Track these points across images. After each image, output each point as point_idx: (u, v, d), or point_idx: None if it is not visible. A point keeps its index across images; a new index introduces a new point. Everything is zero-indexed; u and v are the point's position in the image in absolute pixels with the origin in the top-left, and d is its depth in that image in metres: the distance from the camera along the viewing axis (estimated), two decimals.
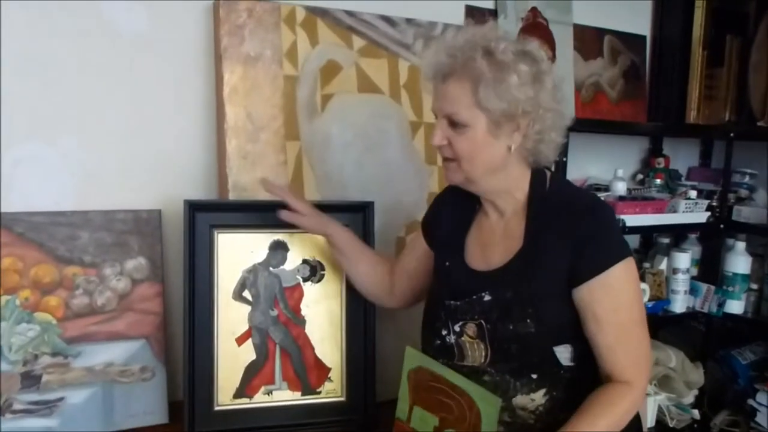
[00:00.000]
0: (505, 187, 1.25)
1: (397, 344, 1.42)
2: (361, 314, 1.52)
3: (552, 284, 1.19)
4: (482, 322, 1.21)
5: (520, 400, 1.20)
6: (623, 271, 1.19)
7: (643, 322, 1.23)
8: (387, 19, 1.69)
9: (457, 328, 1.25)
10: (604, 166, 2.18)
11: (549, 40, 2.03)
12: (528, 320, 1.18)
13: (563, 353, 1.21)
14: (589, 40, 2.15)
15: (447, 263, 1.32)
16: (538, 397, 1.21)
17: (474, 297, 1.23)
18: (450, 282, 1.30)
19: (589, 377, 1.22)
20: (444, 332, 1.26)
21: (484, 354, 1.22)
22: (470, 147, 1.18)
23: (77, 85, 1.46)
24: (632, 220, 1.84)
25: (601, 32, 2.18)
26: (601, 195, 1.98)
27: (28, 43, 1.41)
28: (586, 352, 1.21)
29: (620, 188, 1.99)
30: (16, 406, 1.36)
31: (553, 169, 1.33)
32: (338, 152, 1.62)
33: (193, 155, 1.57)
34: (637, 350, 1.21)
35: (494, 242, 1.28)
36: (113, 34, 1.47)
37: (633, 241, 2.23)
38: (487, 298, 1.22)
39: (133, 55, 1.50)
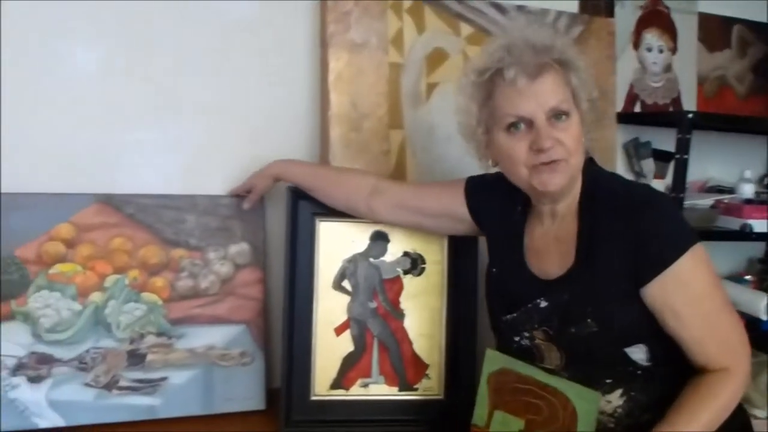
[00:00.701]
0: (574, 187, 1.18)
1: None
2: (463, 311, 1.47)
3: (614, 285, 1.12)
4: (545, 328, 1.16)
5: None
6: (692, 260, 1.10)
7: (728, 305, 1.14)
8: (497, 6, 1.63)
9: (526, 334, 1.19)
10: (728, 166, 2.01)
11: (670, 30, 1.91)
12: (588, 320, 1.11)
13: (637, 353, 1.14)
14: (715, 30, 2.00)
15: (494, 269, 1.27)
16: (615, 399, 1.14)
17: (530, 305, 1.18)
18: (504, 292, 1.24)
19: (672, 376, 1.13)
20: (516, 338, 1.21)
21: (558, 356, 1.17)
22: (575, 139, 1.13)
23: (185, 72, 1.49)
24: (760, 225, 1.70)
25: (728, 21, 2.02)
26: (725, 198, 1.84)
27: (139, 30, 1.46)
28: (665, 350, 1.13)
29: (747, 191, 1.84)
30: (122, 383, 1.39)
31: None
32: (442, 143, 1.57)
33: (297, 143, 1.57)
34: (729, 336, 1.12)
35: (548, 248, 1.21)
36: (222, 21, 1.50)
37: (758, 248, 2.05)
38: (543, 304, 1.16)
39: (240, 42, 1.52)
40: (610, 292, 1.12)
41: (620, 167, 1.83)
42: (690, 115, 1.63)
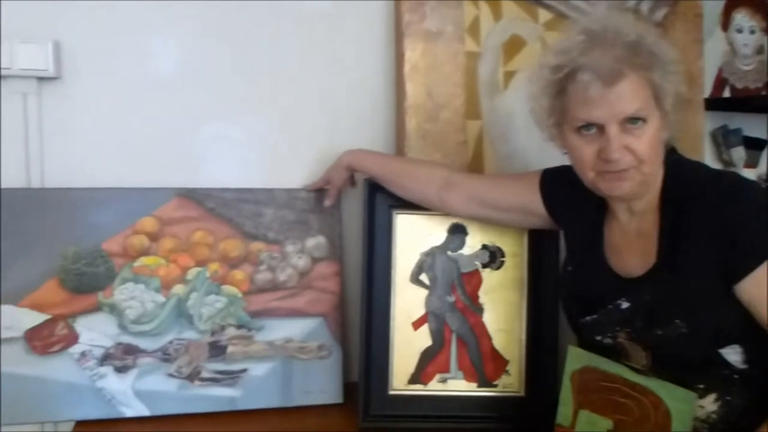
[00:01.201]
0: (651, 184, 1.11)
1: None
2: (544, 306, 1.42)
3: (702, 283, 1.05)
4: (629, 330, 1.11)
5: None
6: None
7: None
8: None
9: (609, 333, 1.14)
10: None
11: (762, 10, 1.79)
12: (677, 321, 1.05)
13: (732, 355, 1.07)
14: None
15: (569, 268, 1.22)
16: (708, 404, 1.08)
17: (610, 306, 1.12)
18: (582, 291, 1.19)
19: None
20: (598, 337, 1.16)
21: (644, 356, 1.11)
22: (650, 145, 1.05)
23: (263, 66, 1.51)
24: None
25: None
26: None
27: (219, 26, 1.48)
28: (763, 350, 1.06)
29: None
30: (204, 374, 1.42)
31: None
32: (521, 132, 1.52)
33: (373, 135, 1.56)
34: None
35: (628, 245, 1.15)
36: (298, 14, 1.50)
37: None
38: (624, 305, 1.11)
39: (316, 35, 1.52)
40: (698, 290, 1.06)
41: (707, 156, 1.74)
42: None
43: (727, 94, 1.76)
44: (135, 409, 1.38)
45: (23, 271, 1.35)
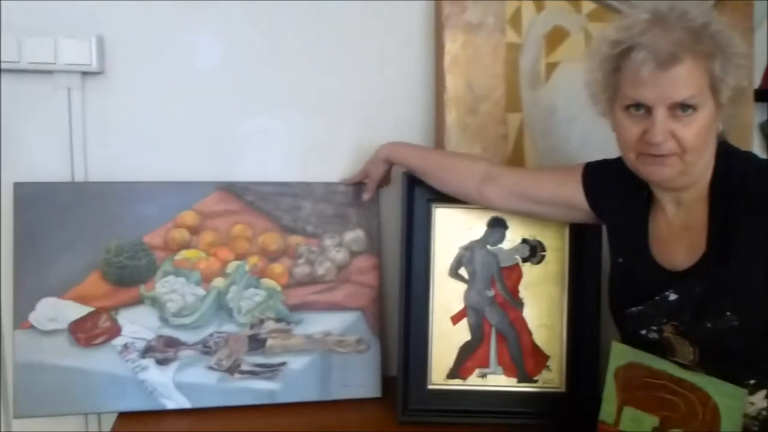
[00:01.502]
0: (698, 176, 1.09)
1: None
2: (586, 301, 1.40)
3: (755, 275, 1.03)
4: (675, 323, 1.08)
5: None
6: None
7: None
8: None
9: (654, 327, 1.12)
10: None
11: None
12: (727, 313, 1.03)
13: None
14: None
15: (620, 259, 1.19)
16: (759, 400, 1.06)
17: (657, 298, 1.10)
18: (628, 283, 1.17)
19: None
20: (643, 332, 1.14)
21: (691, 351, 1.09)
22: (698, 135, 1.03)
23: (302, 60, 1.51)
24: None
25: None
26: None
27: (260, 21, 1.48)
28: None
29: None
30: (244, 367, 1.42)
31: None
32: (563, 125, 1.50)
33: (412, 128, 1.55)
34: None
35: (675, 237, 1.13)
36: (339, 7, 1.50)
37: None
38: (672, 297, 1.09)
39: (356, 28, 1.51)
40: (751, 282, 1.04)
41: (755, 149, 1.69)
42: None
43: None
44: (176, 401, 1.39)
45: (67, 264, 1.37)
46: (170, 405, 1.39)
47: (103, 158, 1.45)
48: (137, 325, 1.39)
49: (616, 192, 1.22)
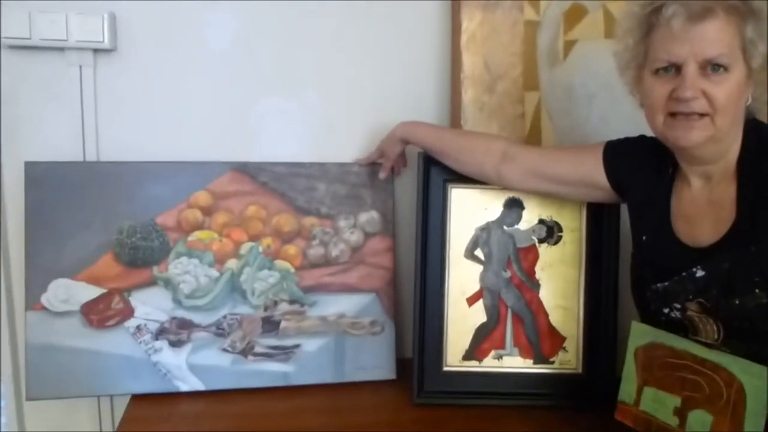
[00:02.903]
0: (726, 149, 1.08)
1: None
2: (602, 282, 1.39)
3: None
4: (701, 300, 1.07)
5: None
6: None
7: None
8: None
9: (677, 305, 1.10)
10: None
11: None
12: (756, 290, 1.01)
13: None
14: None
15: (644, 237, 1.17)
16: None
17: (684, 274, 1.08)
18: (653, 259, 1.15)
19: None
20: (665, 310, 1.12)
21: (715, 329, 1.07)
22: (728, 95, 1.02)
23: (317, 39, 1.48)
24: None
25: None
26: None
27: (270, 1, 1.46)
28: None
29: None
30: (258, 349, 1.41)
31: None
32: (581, 104, 1.48)
33: (428, 107, 1.53)
34: None
35: (700, 214, 1.11)
36: None
37: None
38: (699, 273, 1.07)
39: (371, 6, 1.49)
40: None
41: None
42: None
43: None
44: (189, 383, 1.38)
45: (79, 245, 1.35)
46: (184, 387, 1.38)
47: (115, 137, 1.43)
48: (150, 306, 1.38)
49: (639, 170, 1.21)
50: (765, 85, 1.09)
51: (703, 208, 1.12)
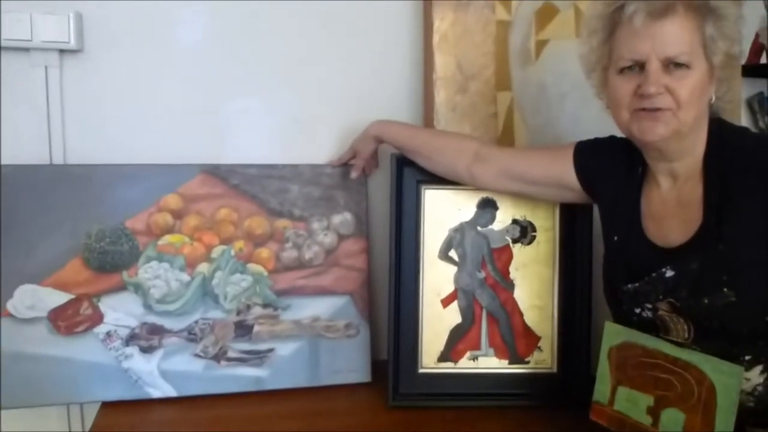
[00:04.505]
0: (692, 146, 1.09)
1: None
2: (576, 282, 1.39)
3: (752, 249, 1.02)
4: (672, 300, 1.07)
5: None
6: None
7: None
8: None
9: (648, 305, 1.11)
10: None
11: None
12: (725, 289, 1.02)
13: None
14: None
15: (615, 237, 1.18)
16: (754, 376, 1.06)
17: (653, 275, 1.09)
18: (623, 260, 1.16)
19: None
20: (637, 310, 1.13)
21: (686, 329, 1.08)
22: (692, 91, 1.03)
23: (288, 40, 1.47)
24: None
25: None
26: None
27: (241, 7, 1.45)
28: None
29: None
30: (231, 354, 1.39)
31: None
32: (553, 104, 1.49)
33: (401, 107, 1.52)
34: None
35: (669, 214, 1.12)
36: None
37: None
38: (669, 273, 1.08)
39: (341, 6, 1.48)
40: (747, 257, 1.03)
41: (744, 124, 1.70)
42: None
43: (764, 60, 1.71)
44: (161, 389, 1.36)
45: (46, 249, 1.32)
46: (156, 394, 1.35)
47: (83, 140, 1.40)
48: (120, 312, 1.35)
49: (608, 170, 1.21)
50: (728, 82, 1.10)
51: (672, 209, 1.12)
